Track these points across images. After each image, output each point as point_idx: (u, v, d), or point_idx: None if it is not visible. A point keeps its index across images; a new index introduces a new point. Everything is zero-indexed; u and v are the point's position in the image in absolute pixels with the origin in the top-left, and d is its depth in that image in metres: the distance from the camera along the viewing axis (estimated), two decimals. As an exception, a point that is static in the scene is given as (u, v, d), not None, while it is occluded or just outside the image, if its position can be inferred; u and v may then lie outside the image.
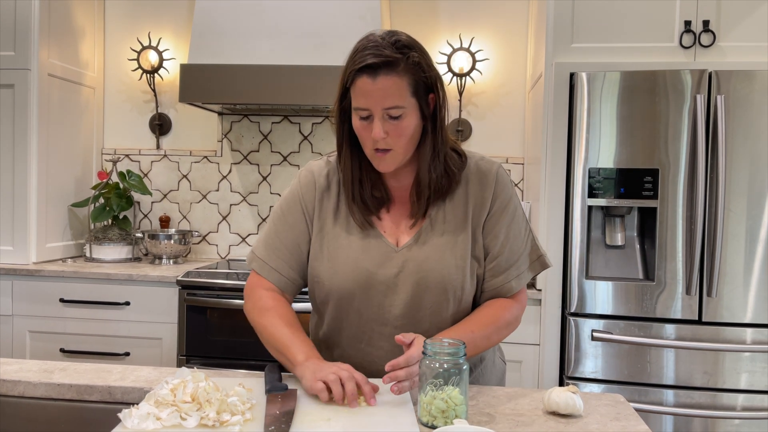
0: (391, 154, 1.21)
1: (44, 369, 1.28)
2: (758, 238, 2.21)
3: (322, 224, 1.31)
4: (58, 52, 2.84)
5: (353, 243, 1.27)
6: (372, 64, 1.15)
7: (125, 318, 2.59)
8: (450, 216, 1.27)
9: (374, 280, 1.25)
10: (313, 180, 1.33)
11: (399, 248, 1.26)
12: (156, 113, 3.19)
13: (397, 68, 1.16)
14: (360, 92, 1.17)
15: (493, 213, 1.28)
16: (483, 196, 1.28)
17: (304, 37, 2.71)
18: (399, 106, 1.17)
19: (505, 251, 1.28)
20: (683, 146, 2.23)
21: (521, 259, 1.31)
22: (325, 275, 1.28)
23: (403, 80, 1.17)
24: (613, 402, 1.19)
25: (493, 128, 3.03)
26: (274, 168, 3.15)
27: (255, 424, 0.99)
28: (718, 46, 2.31)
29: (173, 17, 3.17)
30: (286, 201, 1.34)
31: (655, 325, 2.24)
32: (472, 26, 3.02)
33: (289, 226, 1.32)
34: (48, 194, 2.81)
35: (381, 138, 1.18)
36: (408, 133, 1.20)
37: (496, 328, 1.26)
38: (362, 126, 1.20)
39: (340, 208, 1.30)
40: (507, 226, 1.28)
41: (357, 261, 1.26)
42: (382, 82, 1.15)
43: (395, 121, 1.18)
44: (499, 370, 1.45)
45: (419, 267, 1.24)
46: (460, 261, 1.25)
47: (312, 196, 1.32)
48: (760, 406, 2.20)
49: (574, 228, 2.31)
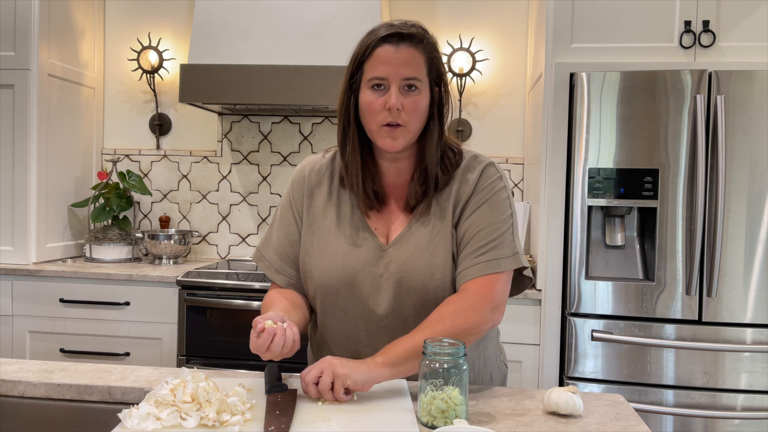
0: (402, 130, 1.19)
1: (44, 369, 1.28)
2: (758, 238, 2.21)
3: (312, 220, 1.31)
4: (58, 53, 2.84)
5: (342, 240, 1.27)
6: (396, 33, 1.18)
7: (125, 318, 2.59)
8: (435, 213, 1.26)
9: (359, 279, 1.25)
10: (303, 177, 1.34)
11: (386, 246, 1.26)
12: (156, 113, 3.20)
13: (418, 43, 1.20)
14: (380, 60, 1.18)
15: (470, 202, 1.25)
16: (465, 190, 1.26)
17: (304, 38, 2.71)
18: (416, 77, 1.18)
19: (472, 235, 1.23)
20: (683, 146, 2.23)
21: (490, 246, 1.22)
22: (315, 270, 1.28)
23: (422, 56, 1.20)
24: (613, 402, 1.19)
25: (493, 128, 3.03)
26: (274, 168, 3.15)
27: (255, 425, 0.99)
28: (718, 46, 2.31)
29: (173, 17, 3.17)
30: (281, 202, 1.38)
31: (655, 326, 2.24)
32: (472, 26, 3.02)
33: (285, 228, 1.34)
34: (48, 194, 2.81)
35: (397, 107, 1.17)
36: (421, 110, 1.20)
37: (439, 318, 1.17)
38: (374, 98, 1.18)
39: (330, 204, 1.30)
40: (477, 211, 1.24)
41: (344, 258, 1.26)
42: (403, 50, 1.18)
43: (411, 93, 1.19)
44: (502, 374, 1.45)
45: (401, 267, 1.24)
46: (441, 260, 1.23)
47: (300, 193, 1.33)
48: (760, 406, 2.20)
49: (574, 228, 2.31)
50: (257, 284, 2.48)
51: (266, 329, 1.09)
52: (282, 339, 1.09)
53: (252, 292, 2.48)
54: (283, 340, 1.09)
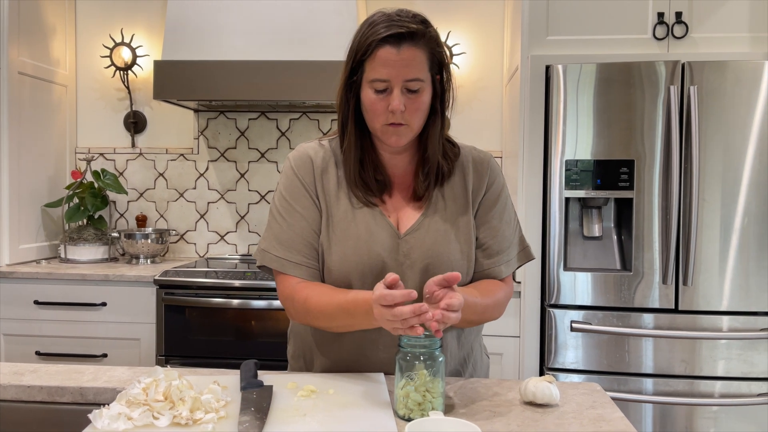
0: (405, 129, 1.20)
1: (14, 371, 1.25)
2: (732, 227, 2.23)
3: (327, 205, 1.27)
4: (28, 50, 2.78)
5: (361, 226, 1.24)
6: (397, 33, 1.15)
7: (102, 319, 2.56)
8: (450, 202, 1.28)
9: (386, 267, 1.23)
10: (310, 160, 1.29)
11: (402, 234, 1.25)
12: (130, 111, 3.15)
13: (419, 40, 1.17)
14: (381, 62, 1.16)
15: (486, 199, 1.30)
16: (480, 183, 1.30)
17: (279, 33, 2.69)
18: (419, 78, 1.17)
19: (498, 236, 1.30)
20: (658, 137, 2.24)
21: (511, 247, 1.32)
22: (336, 258, 1.24)
23: (423, 53, 1.18)
24: (590, 391, 1.20)
25: (471, 122, 3.03)
26: (251, 165, 3.13)
27: (229, 422, 0.98)
28: (690, 37, 2.34)
29: (146, 13, 3.13)
30: (288, 190, 1.28)
31: (633, 315, 2.26)
32: (449, 20, 3.01)
33: (301, 216, 1.26)
34: (20, 195, 2.76)
35: (400, 110, 1.16)
36: (424, 108, 1.20)
37: (493, 300, 1.25)
38: (377, 99, 1.18)
39: (341, 191, 1.27)
40: (499, 212, 1.31)
41: (368, 245, 1.23)
42: (405, 52, 1.15)
43: (413, 95, 1.18)
44: (485, 365, 1.46)
45: (425, 254, 1.23)
46: (464, 246, 1.26)
47: (311, 177, 1.28)
48: (737, 392, 2.23)
49: (552, 220, 2.32)
50: (237, 282, 2.46)
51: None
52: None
53: (232, 290, 2.46)
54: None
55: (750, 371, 2.22)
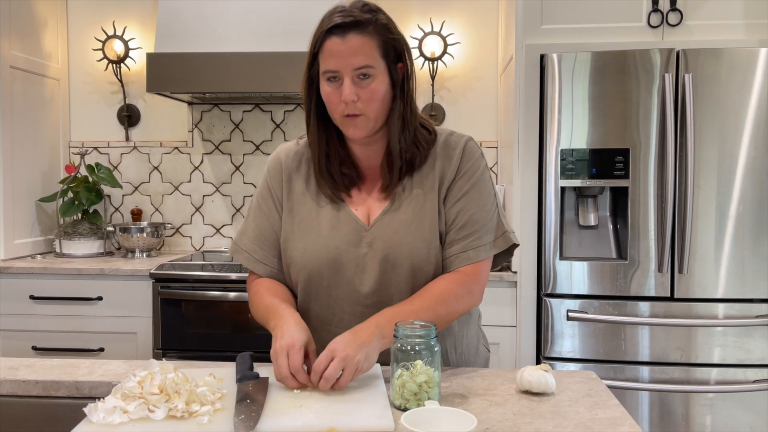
0: (362, 119, 1.19)
1: (9, 366, 1.25)
2: (728, 214, 2.23)
3: (291, 205, 1.30)
4: (19, 44, 2.76)
5: (323, 221, 1.27)
6: (341, 23, 1.15)
7: (98, 313, 2.55)
8: (418, 191, 1.26)
9: (344, 258, 1.24)
10: (279, 162, 1.33)
11: (369, 226, 1.25)
12: (124, 104, 3.13)
13: (366, 28, 1.17)
14: (329, 53, 1.17)
15: (456, 182, 1.26)
16: (449, 167, 1.26)
17: (273, 24, 2.67)
18: (368, 65, 1.16)
19: (465, 218, 1.24)
20: (653, 125, 2.24)
21: (483, 230, 1.25)
22: (297, 254, 1.27)
23: (373, 40, 1.17)
24: (586, 379, 1.20)
25: (466, 112, 3.02)
26: (246, 157, 3.12)
27: (225, 414, 0.98)
28: (685, 24, 2.33)
29: (138, 5, 3.10)
30: (259, 190, 1.35)
31: (629, 303, 2.27)
32: (443, 10, 3.00)
33: (265, 216, 1.32)
34: (14, 190, 2.74)
35: (351, 100, 1.16)
36: (378, 97, 1.19)
37: (441, 300, 1.20)
38: (331, 90, 1.18)
39: (310, 188, 1.30)
40: (468, 193, 1.25)
41: (327, 239, 1.25)
42: (351, 41, 1.15)
43: (365, 82, 1.17)
44: (483, 358, 1.45)
45: (386, 243, 1.23)
46: (427, 235, 1.24)
47: (279, 179, 1.32)
48: (733, 379, 2.24)
49: (548, 209, 2.32)
50: (233, 275, 2.46)
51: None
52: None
53: (228, 283, 2.46)
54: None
55: (746, 358, 2.23)
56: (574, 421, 0.99)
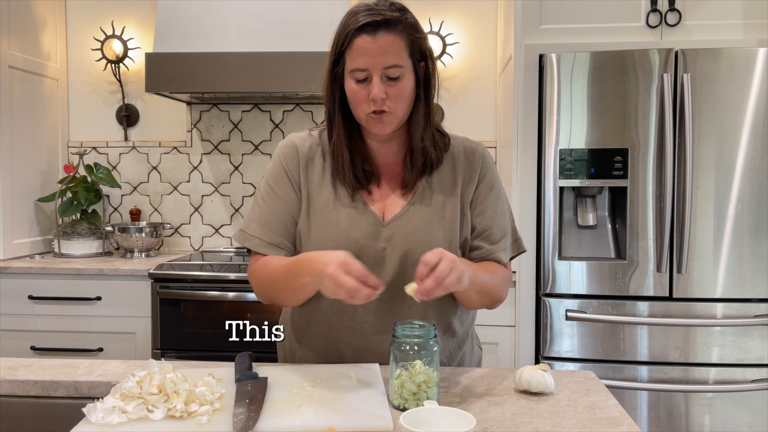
0: (389, 116, 1.20)
1: (8, 366, 1.25)
2: (726, 214, 2.24)
3: (308, 192, 1.29)
4: (18, 44, 2.76)
5: (341, 214, 1.26)
6: (371, 22, 1.16)
7: (97, 313, 2.55)
8: (438, 190, 1.28)
9: (363, 252, 1.23)
10: (295, 148, 1.31)
11: (386, 222, 1.26)
12: (123, 104, 3.13)
13: (396, 27, 1.17)
14: (359, 52, 1.17)
15: (480, 190, 1.30)
16: (471, 173, 1.30)
17: (272, 24, 2.67)
18: (398, 65, 1.17)
19: (493, 226, 1.30)
20: (652, 125, 2.24)
21: (506, 236, 1.33)
22: (314, 245, 1.25)
23: (402, 40, 1.18)
24: (584, 378, 1.20)
25: (465, 112, 3.02)
26: (245, 157, 3.11)
27: (224, 414, 0.98)
28: (684, 24, 2.33)
29: (137, 5, 3.10)
30: (272, 176, 1.31)
31: (628, 303, 2.27)
32: (442, 10, 3.00)
33: (280, 200, 1.29)
34: (13, 190, 2.74)
35: (381, 97, 1.17)
36: (406, 95, 1.20)
37: (499, 278, 1.27)
38: (358, 89, 1.19)
39: (325, 181, 1.29)
40: (493, 203, 1.31)
41: (347, 231, 1.25)
42: (381, 40, 1.16)
43: (393, 82, 1.18)
44: (476, 356, 1.46)
45: (406, 239, 1.24)
46: (448, 233, 1.26)
47: (296, 164, 1.30)
48: (731, 379, 2.24)
49: (547, 209, 2.32)
50: (232, 275, 2.46)
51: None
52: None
53: (227, 282, 2.46)
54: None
55: (744, 358, 2.24)
56: (573, 420, 1.00)
